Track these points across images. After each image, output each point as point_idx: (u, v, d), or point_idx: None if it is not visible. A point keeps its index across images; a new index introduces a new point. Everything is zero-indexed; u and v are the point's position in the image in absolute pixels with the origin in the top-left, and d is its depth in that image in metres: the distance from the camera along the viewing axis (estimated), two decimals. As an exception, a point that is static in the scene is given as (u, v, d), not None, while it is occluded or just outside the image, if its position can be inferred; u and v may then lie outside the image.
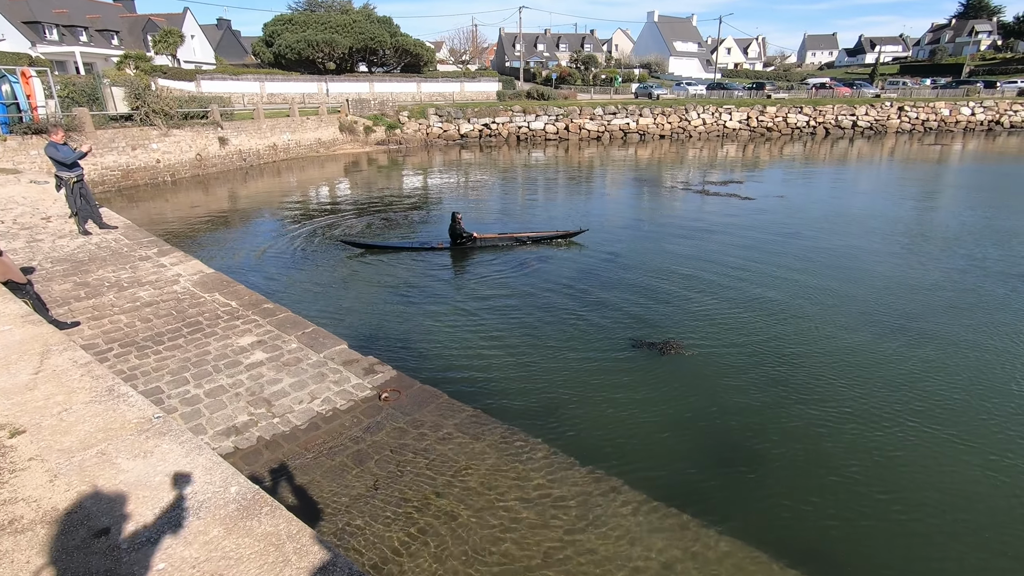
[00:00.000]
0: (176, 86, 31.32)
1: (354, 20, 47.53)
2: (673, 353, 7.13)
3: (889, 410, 5.90)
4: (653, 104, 42.61)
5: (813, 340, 7.55)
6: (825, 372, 6.70)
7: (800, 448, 5.30)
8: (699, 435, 5.57)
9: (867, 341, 7.52)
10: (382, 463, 4.59)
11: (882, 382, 6.47)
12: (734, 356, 7.13)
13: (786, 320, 8.22)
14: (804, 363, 6.92)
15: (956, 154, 31.47)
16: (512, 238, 12.41)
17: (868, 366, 6.84)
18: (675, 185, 21.37)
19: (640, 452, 5.25)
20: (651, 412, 5.90)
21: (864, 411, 5.89)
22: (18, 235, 9.91)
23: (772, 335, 7.71)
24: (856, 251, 11.87)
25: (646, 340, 7.52)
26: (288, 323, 6.83)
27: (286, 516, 2.25)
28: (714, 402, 6.08)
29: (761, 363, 6.92)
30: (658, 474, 4.93)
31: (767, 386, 6.40)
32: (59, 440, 2.72)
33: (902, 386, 6.38)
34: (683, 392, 6.29)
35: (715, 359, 7.05)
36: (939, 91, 51.46)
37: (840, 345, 7.39)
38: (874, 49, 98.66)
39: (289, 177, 24.30)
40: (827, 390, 6.31)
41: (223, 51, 64.44)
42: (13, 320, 4.15)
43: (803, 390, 6.31)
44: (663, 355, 7.10)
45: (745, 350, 7.27)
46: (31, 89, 17.86)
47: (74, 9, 48.08)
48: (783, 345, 7.39)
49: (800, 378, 6.57)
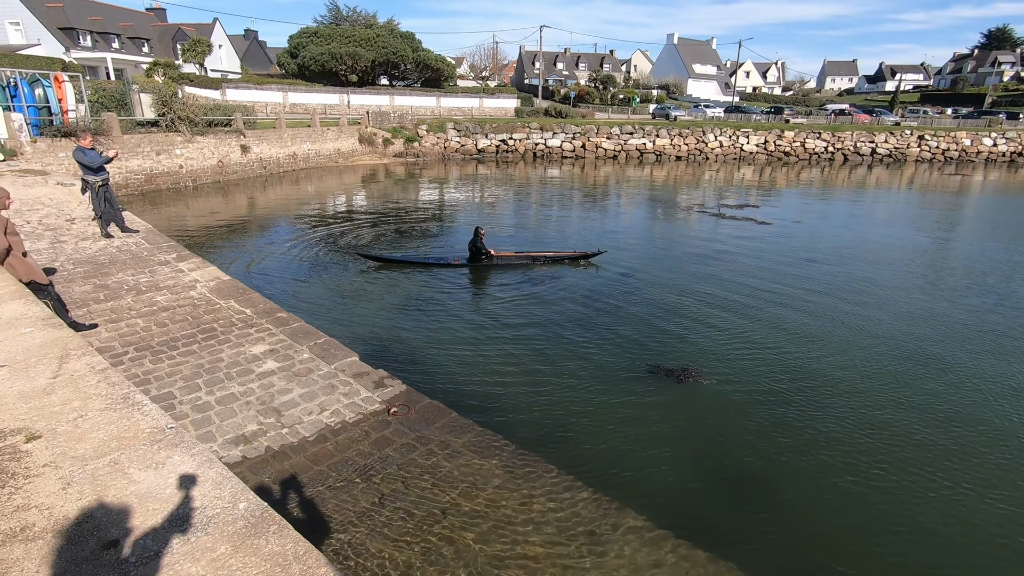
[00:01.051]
0: (202, 94, 32.04)
1: (378, 35, 48.41)
2: (691, 381, 7.01)
3: (911, 451, 5.75)
4: (670, 125, 42.76)
5: (835, 375, 7.37)
6: (845, 410, 6.53)
7: (815, 487, 5.19)
8: (712, 467, 5.47)
9: (890, 378, 7.34)
10: (388, 479, 4.57)
11: (903, 421, 6.32)
12: (753, 388, 6.97)
13: (808, 353, 8.04)
14: (824, 399, 6.76)
15: (978, 185, 31.11)
16: (529, 257, 12.33)
17: (890, 406, 6.66)
18: (691, 207, 21.33)
19: (650, 480, 5.18)
20: (664, 440, 5.82)
21: (884, 451, 5.74)
22: (43, 236, 10.12)
23: (792, 368, 7.55)
24: (877, 282, 11.69)
25: (663, 366, 7.41)
26: (301, 333, 6.86)
27: (294, 536, 2.24)
28: (729, 434, 5.97)
29: (780, 397, 6.78)
30: (667, 504, 4.85)
31: (784, 421, 6.27)
32: (73, 447, 2.74)
33: (925, 426, 6.22)
34: (698, 422, 6.19)
35: (734, 390, 6.90)
36: (960, 121, 51.04)
37: (862, 382, 7.21)
38: (894, 77, 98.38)
39: (307, 186, 24.64)
40: (846, 429, 6.16)
41: (249, 61, 65.90)
42: (34, 323, 4.22)
43: (821, 427, 6.17)
44: (680, 382, 6.99)
45: (765, 382, 7.12)
46: (63, 93, 18.37)
47: (108, 17, 49.54)
48: (804, 379, 7.23)
49: (818, 415, 6.43)
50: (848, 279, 11.72)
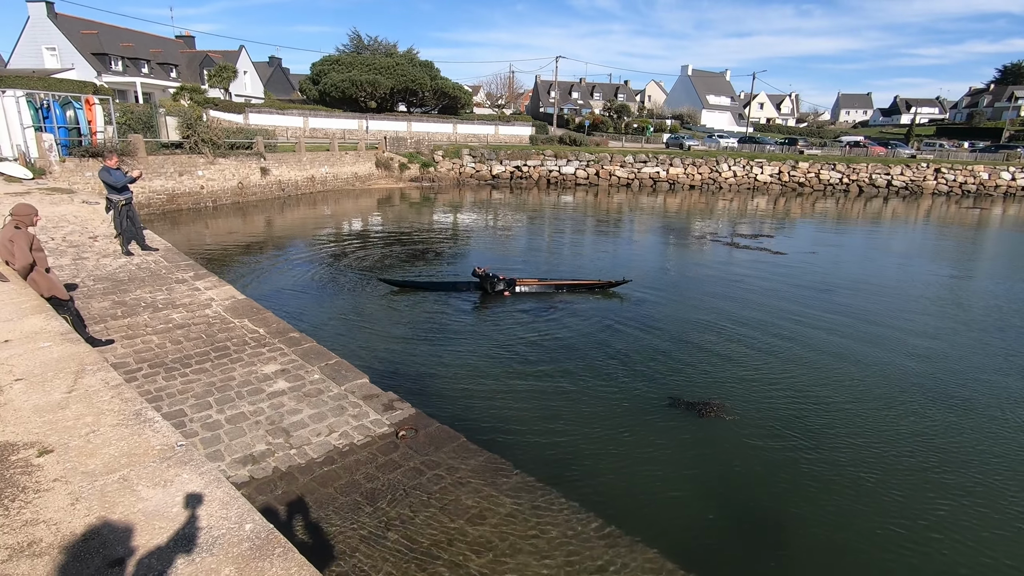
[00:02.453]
0: (225, 117, 32.94)
1: (397, 63, 49.67)
2: (713, 416, 6.78)
3: (932, 495, 5.50)
4: (684, 154, 43.02)
5: (859, 417, 7.03)
6: (871, 453, 6.21)
7: (834, 533, 4.98)
8: (729, 507, 5.30)
9: (914, 420, 7.02)
10: (395, 503, 4.51)
11: (924, 466, 6.03)
12: (775, 425, 6.69)
13: (833, 394, 7.69)
14: (851, 440, 6.46)
15: (996, 219, 30.75)
16: (553, 285, 12.11)
17: (921, 452, 6.27)
18: (704, 235, 21.29)
19: (664, 515, 5.05)
20: (680, 475, 5.66)
21: (906, 498, 5.47)
22: (66, 252, 10.35)
23: (816, 407, 7.24)
24: (901, 317, 11.33)
25: (684, 399, 7.18)
26: (312, 353, 6.89)
27: (298, 560, 2.21)
28: (748, 473, 5.76)
29: (807, 437, 6.48)
30: (680, 540, 4.72)
31: (806, 463, 5.99)
32: (84, 463, 2.75)
33: (950, 472, 5.90)
34: (716, 458, 5.98)
35: (755, 427, 6.63)
36: (977, 155, 50.79)
37: (887, 425, 6.86)
38: (910, 110, 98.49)
39: (324, 208, 25.03)
40: (870, 475, 5.83)
41: (272, 87, 67.80)
42: (53, 337, 4.28)
43: (843, 471, 5.88)
44: (701, 417, 6.77)
45: (787, 420, 6.83)
46: (93, 115, 19.00)
47: (139, 44, 51.47)
48: (827, 419, 6.93)
49: (841, 458, 6.12)
50: (872, 315, 11.40)
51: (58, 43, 45.40)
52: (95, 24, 48.35)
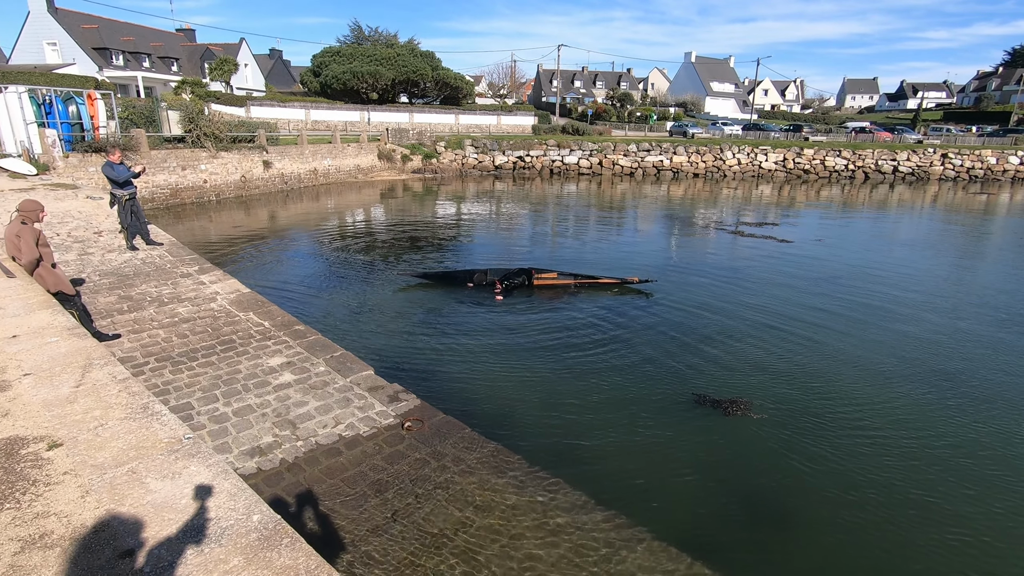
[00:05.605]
0: (227, 111, 32.88)
1: (398, 54, 49.36)
2: (740, 414, 6.59)
3: (953, 494, 5.35)
4: (688, 142, 42.70)
5: (891, 416, 6.74)
6: (899, 453, 5.99)
7: (852, 529, 4.93)
8: (746, 503, 5.22)
9: (942, 416, 6.72)
10: (401, 494, 4.54)
11: (950, 463, 5.81)
12: (809, 425, 6.42)
13: (867, 394, 7.28)
14: (876, 442, 6.17)
15: (1004, 205, 30.45)
16: (572, 282, 11.59)
17: (945, 449, 6.02)
18: (710, 224, 21.18)
19: (674, 507, 5.02)
20: (692, 469, 5.60)
21: (929, 497, 5.30)
22: (71, 247, 10.40)
23: (852, 403, 6.96)
24: (925, 308, 10.90)
25: (710, 396, 6.99)
26: (318, 346, 6.91)
27: (306, 550, 2.23)
28: (772, 472, 5.58)
29: (840, 436, 6.21)
30: (690, 531, 4.72)
31: (838, 462, 5.76)
32: (93, 455, 2.77)
33: (976, 479, 5.61)
34: (732, 453, 5.88)
35: (787, 426, 6.37)
36: (985, 139, 50.18)
37: (919, 423, 6.59)
38: (916, 95, 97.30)
39: (327, 201, 25.02)
40: (894, 475, 5.62)
41: (273, 79, 67.58)
42: (60, 332, 4.31)
43: (869, 473, 5.63)
44: (727, 415, 6.59)
45: (821, 419, 6.57)
46: (95, 110, 19.01)
47: (140, 37, 51.35)
48: (860, 418, 6.63)
49: (868, 457, 5.89)
50: (896, 306, 10.94)
51: (59, 38, 45.35)
52: (95, 18, 48.24)
